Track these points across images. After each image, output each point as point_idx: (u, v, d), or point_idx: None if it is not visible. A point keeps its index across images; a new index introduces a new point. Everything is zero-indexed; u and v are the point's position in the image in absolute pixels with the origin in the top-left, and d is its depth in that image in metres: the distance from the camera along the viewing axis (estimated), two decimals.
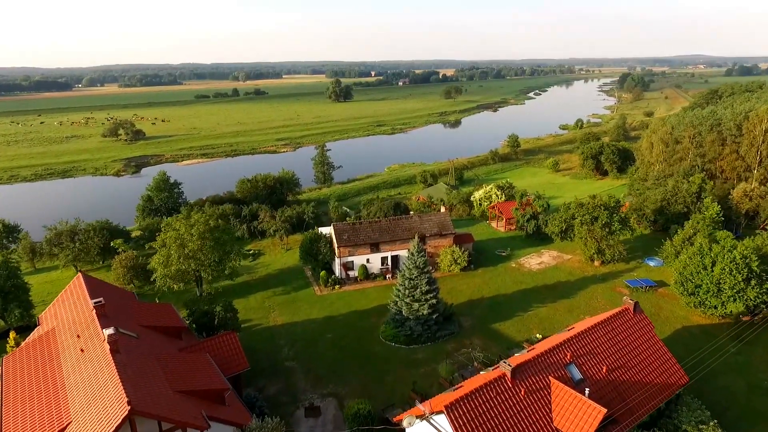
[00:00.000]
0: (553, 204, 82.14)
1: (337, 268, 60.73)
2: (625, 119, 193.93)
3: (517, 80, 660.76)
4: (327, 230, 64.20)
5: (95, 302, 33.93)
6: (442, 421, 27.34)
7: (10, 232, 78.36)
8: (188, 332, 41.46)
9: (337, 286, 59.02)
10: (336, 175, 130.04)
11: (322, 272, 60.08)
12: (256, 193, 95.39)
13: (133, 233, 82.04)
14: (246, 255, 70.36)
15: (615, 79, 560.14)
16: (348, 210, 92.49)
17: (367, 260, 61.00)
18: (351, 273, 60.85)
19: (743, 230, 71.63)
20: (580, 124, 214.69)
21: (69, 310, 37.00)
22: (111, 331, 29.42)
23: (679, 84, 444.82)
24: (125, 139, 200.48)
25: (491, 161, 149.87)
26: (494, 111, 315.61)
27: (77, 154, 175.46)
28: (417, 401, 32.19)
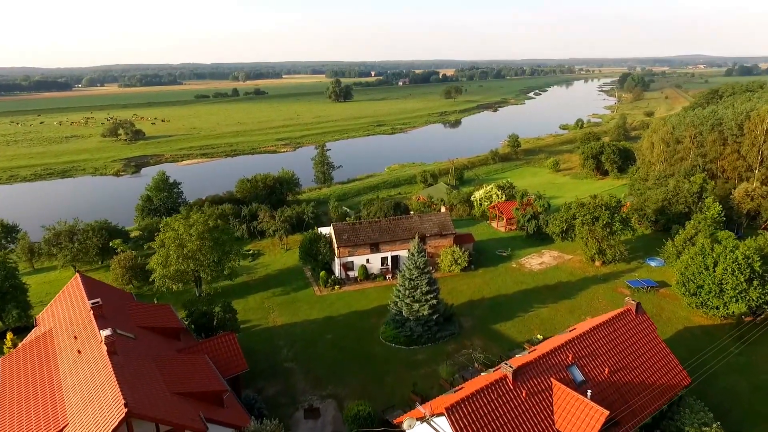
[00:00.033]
0: (553, 204, 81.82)
1: (337, 269, 60.46)
2: (625, 119, 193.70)
3: (517, 80, 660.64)
4: (327, 230, 63.95)
5: (92, 303, 33.70)
6: (442, 423, 27.06)
7: (8, 232, 78.03)
8: (187, 333, 41.22)
9: (336, 287, 58.76)
10: (336, 175, 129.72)
11: (322, 272, 59.81)
12: (255, 193, 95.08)
13: (132, 233, 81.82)
14: (245, 255, 70.15)
15: (615, 79, 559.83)
16: (348, 210, 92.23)
17: (367, 260, 60.74)
18: (351, 273, 60.59)
19: (744, 230, 71.38)
20: (580, 124, 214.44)
21: (66, 311, 36.73)
22: (108, 332, 29.17)
23: (680, 84, 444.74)
24: (125, 139, 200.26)
25: (491, 161, 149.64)
26: (494, 111, 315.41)
27: (77, 154, 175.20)
28: (417, 403, 31.98)
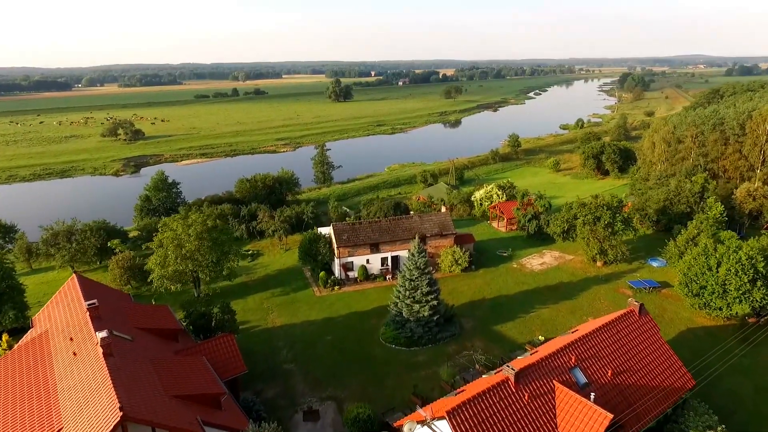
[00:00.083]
0: (554, 204, 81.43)
1: (337, 269, 60.03)
2: (625, 119, 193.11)
3: (517, 80, 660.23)
4: (326, 230, 63.53)
5: (89, 304, 33.26)
6: (443, 426, 26.63)
7: (6, 232, 77.66)
8: (185, 334, 40.79)
9: (336, 287, 58.33)
10: (336, 175, 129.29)
11: (322, 273, 59.37)
12: (255, 192, 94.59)
13: (131, 233, 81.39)
14: (244, 255, 69.72)
15: (615, 79, 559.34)
16: (348, 210, 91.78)
17: (367, 261, 60.31)
18: (351, 274, 60.16)
19: (747, 230, 70.95)
20: (580, 124, 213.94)
21: (62, 312, 36.31)
22: (104, 334, 28.77)
23: (680, 84, 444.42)
24: (124, 139, 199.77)
25: (492, 161, 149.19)
26: (494, 111, 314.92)
27: (76, 154, 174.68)
28: (418, 405, 31.58)
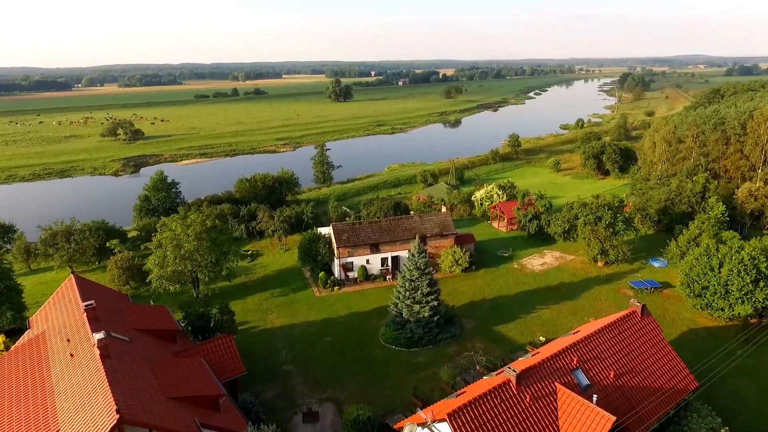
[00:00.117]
0: (554, 204, 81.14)
1: (337, 269, 59.73)
2: (626, 119, 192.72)
3: (517, 80, 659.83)
4: (326, 230, 63.21)
5: (86, 305, 32.94)
6: (444, 429, 26.32)
7: (5, 232, 77.31)
8: (183, 335, 40.49)
9: (336, 288, 58.03)
10: (336, 175, 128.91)
11: (321, 273, 59.07)
12: (254, 192, 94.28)
13: (130, 233, 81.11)
14: (244, 256, 69.44)
15: (615, 78, 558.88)
16: (348, 210, 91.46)
17: (367, 261, 60.00)
18: (350, 274, 59.86)
19: (748, 230, 70.67)
20: (580, 124, 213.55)
21: (60, 313, 36.02)
22: (101, 335, 28.44)
23: (680, 84, 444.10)
24: (124, 139, 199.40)
25: (492, 161, 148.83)
26: (494, 111, 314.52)
27: (75, 154, 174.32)
28: (418, 407, 31.24)
